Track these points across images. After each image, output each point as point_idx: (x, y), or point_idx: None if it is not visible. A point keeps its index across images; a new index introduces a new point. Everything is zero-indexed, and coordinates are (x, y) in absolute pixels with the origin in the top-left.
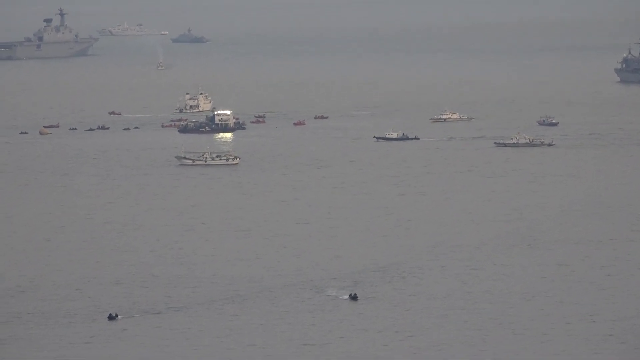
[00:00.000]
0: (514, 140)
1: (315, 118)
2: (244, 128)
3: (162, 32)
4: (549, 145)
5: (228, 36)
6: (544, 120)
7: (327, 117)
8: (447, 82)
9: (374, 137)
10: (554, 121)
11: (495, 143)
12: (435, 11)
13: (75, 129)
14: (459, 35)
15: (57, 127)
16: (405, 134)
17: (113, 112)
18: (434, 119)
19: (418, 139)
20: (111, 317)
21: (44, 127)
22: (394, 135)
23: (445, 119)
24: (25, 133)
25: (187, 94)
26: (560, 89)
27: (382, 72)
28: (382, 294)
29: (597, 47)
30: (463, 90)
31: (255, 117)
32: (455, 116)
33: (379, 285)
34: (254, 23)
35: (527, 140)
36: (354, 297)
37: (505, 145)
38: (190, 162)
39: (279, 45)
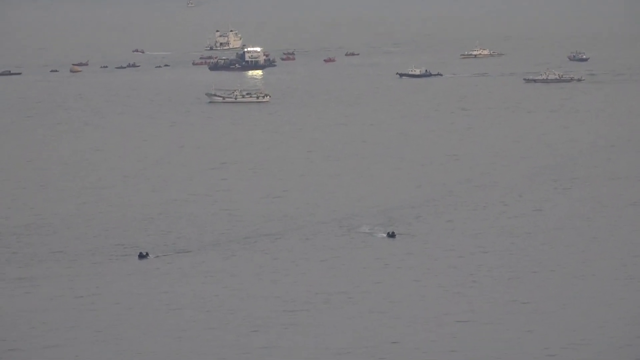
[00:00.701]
0: (543, 77)
1: (346, 55)
2: (274, 65)
3: None
4: (579, 80)
5: None
6: (574, 56)
7: (357, 54)
8: (478, 17)
9: (397, 73)
10: (584, 56)
11: (524, 79)
12: None
13: (106, 66)
14: None
15: (86, 65)
16: (428, 70)
17: (137, 50)
18: (464, 54)
19: (441, 75)
20: (142, 256)
21: (74, 64)
22: (417, 72)
23: (475, 55)
24: (56, 71)
25: (217, 31)
26: (591, 24)
27: (412, 8)
28: (418, 230)
29: None
30: (494, 25)
31: (285, 54)
32: (485, 52)
33: (414, 223)
34: None
35: (556, 76)
36: (391, 235)
37: (534, 81)
38: (220, 99)
39: None
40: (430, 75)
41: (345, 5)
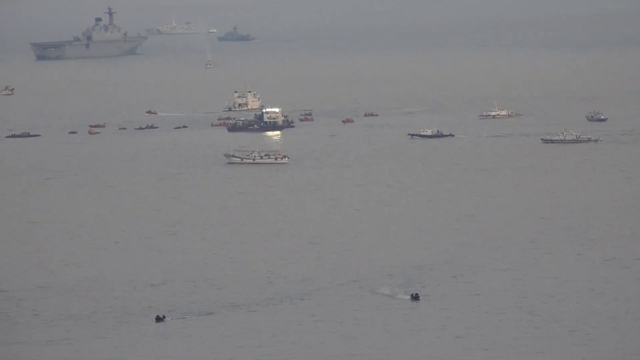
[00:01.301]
0: (561, 137)
1: (365, 115)
2: (292, 126)
3: (210, 31)
4: (596, 141)
5: (274, 33)
6: (592, 116)
7: (376, 115)
8: (497, 77)
9: (408, 134)
10: (602, 117)
11: (542, 139)
12: (484, 5)
13: (125, 128)
14: (508, 29)
15: (103, 126)
16: (439, 131)
17: (149, 111)
18: (482, 115)
19: (453, 135)
20: (159, 319)
21: (91, 126)
22: (428, 132)
23: (494, 116)
24: (75, 133)
25: (236, 92)
26: (609, 84)
27: (431, 68)
28: (440, 293)
29: None
30: (512, 85)
31: (303, 114)
32: (503, 112)
33: (435, 284)
34: (298, 20)
35: (574, 137)
36: (415, 297)
37: (552, 141)
38: (238, 160)
39: (325, 42)
40: (442, 135)
41: (365, 64)
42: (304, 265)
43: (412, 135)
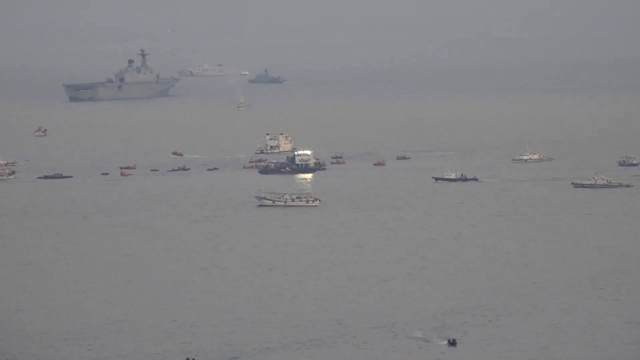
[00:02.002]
0: (592, 181)
1: (397, 159)
2: (324, 169)
3: (243, 73)
4: (627, 186)
5: (304, 76)
6: (624, 161)
7: (409, 158)
8: (529, 121)
9: (433, 177)
10: (634, 162)
11: (572, 184)
12: (517, 50)
13: (157, 170)
14: (541, 74)
15: (134, 168)
16: (463, 175)
17: (175, 153)
18: (515, 159)
19: (477, 179)
20: None
21: (122, 167)
22: (452, 176)
23: (526, 160)
24: (107, 174)
25: (268, 134)
26: None
27: (463, 111)
28: (475, 338)
29: None
30: (545, 129)
31: (333, 157)
32: (535, 156)
33: (469, 329)
34: (329, 63)
35: (605, 181)
36: (452, 343)
37: (582, 185)
38: (270, 202)
39: (355, 85)
40: (466, 179)
41: (397, 107)
42: (336, 309)
43: (436, 178)
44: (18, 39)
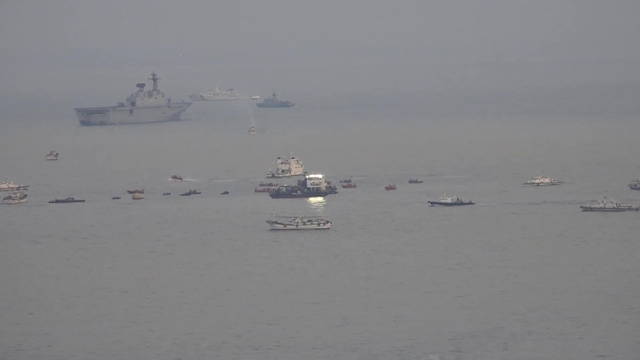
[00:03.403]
0: (601, 205)
1: (410, 182)
2: (335, 192)
3: (254, 97)
4: (637, 210)
5: (312, 100)
6: (635, 184)
7: (421, 182)
8: (540, 145)
9: (429, 202)
10: None
11: (581, 207)
12: (530, 74)
13: (169, 193)
14: (552, 97)
15: (142, 192)
16: (459, 199)
17: (175, 177)
18: (527, 183)
19: (473, 204)
20: None
21: (130, 192)
22: (448, 200)
23: (538, 183)
24: (118, 198)
25: (279, 158)
26: None
27: (474, 135)
28: None
29: None
30: (557, 152)
31: (342, 181)
32: (546, 180)
33: (486, 353)
34: (337, 87)
35: (614, 205)
36: None
37: (591, 209)
38: (281, 226)
39: (364, 109)
40: (461, 203)
41: (408, 131)
42: (350, 333)
43: (432, 203)
44: (30, 64)
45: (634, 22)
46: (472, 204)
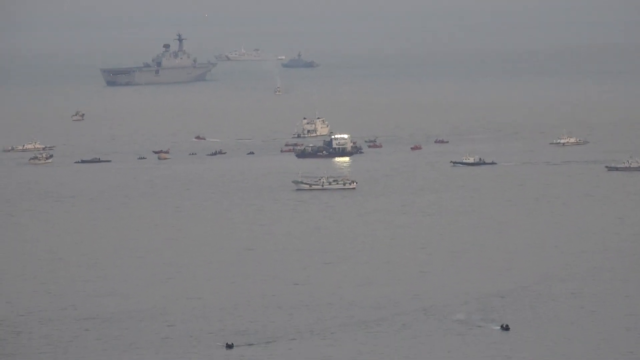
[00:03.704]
0: (626, 165)
1: (436, 142)
2: (361, 152)
3: (279, 57)
4: None
5: (337, 60)
6: None
7: (447, 142)
8: (567, 104)
9: (451, 161)
10: None
11: (606, 167)
12: (556, 34)
13: (195, 153)
14: (580, 57)
15: (167, 152)
16: (482, 159)
17: (198, 137)
18: (553, 142)
19: (495, 164)
20: (228, 346)
21: (155, 152)
22: (471, 160)
23: (563, 143)
24: (144, 158)
25: (305, 118)
26: None
27: (501, 95)
28: (525, 322)
29: None
30: (583, 112)
31: (367, 141)
32: (572, 140)
33: (515, 313)
34: (361, 46)
35: (639, 164)
36: (505, 328)
37: (617, 169)
38: (307, 186)
39: (389, 68)
40: (484, 163)
41: (433, 91)
42: (374, 293)
43: (454, 162)
44: (57, 26)
45: None
46: (495, 164)
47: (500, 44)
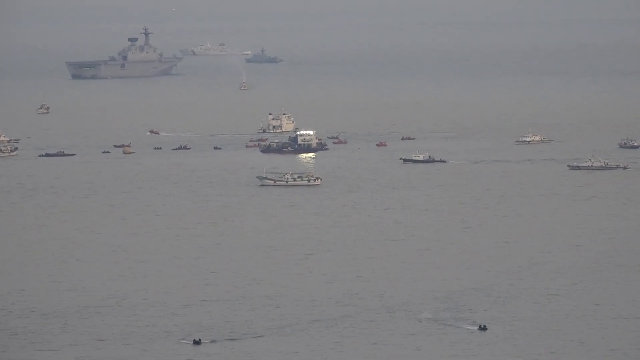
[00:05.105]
0: (588, 164)
1: (402, 139)
2: (326, 149)
3: (245, 52)
4: (624, 168)
5: (299, 57)
6: (625, 143)
7: (413, 139)
8: (532, 104)
9: (401, 158)
10: (635, 144)
11: (568, 166)
12: (520, 34)
13: (160, 148)
14: (546, 57)
15: (129, 146)
16: (431, 157)
17: (152, 131)
18: (518, 141)
19: (444, 161)
20: (196, 342)
21: (116, 146)
22: (420, 158)
23: (529, 142)
24: (108, 152)
25: (270, 114)
26: None
27: (465, 93)
28: (498, 322)
29: None
30: (547, 112)
31: (330, 137)
32: (537, 138)
33: (482, 310)
34: (324, 43)
35: (602, 164)
36: (483, 328)
37: (579, 168)
38: (271, 182)
39: (353, 66)
40: (433, 161)
41: (404, 89)
42: (340, 290)
43: (404, 160)
44: (21, 18)
45: None
46: (444, 161)
47: (466, 43)
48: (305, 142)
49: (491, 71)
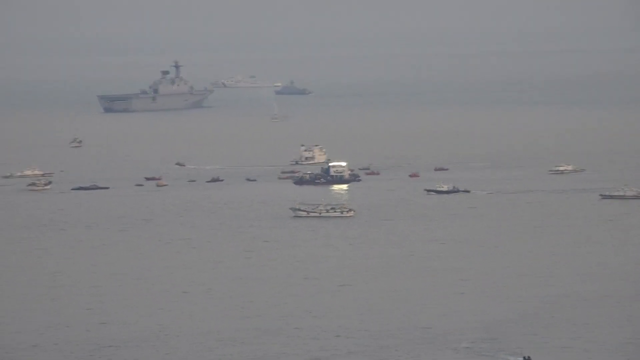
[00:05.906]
0: (621, 193)
1: (435, 170)
2: (359, 180)
3: (275, 84)
4: None
5: (328, 88)
6: None
7: (447, 169)
8: (565, 133)
9: (425, 189)
10: None
11: (601, 195)
12: (551, 63)
13: (194, 180)
14: (577, 86)
15: (160, 179)
16: (455, 187)
17: (179, 164)
18: (552, 170)
19: (468, 191)
20: None
21: (146, 178)
22: (444, 188)
23: (562, 171)
24: (141, 185)
25: (302, 145)
26: None
27: (498, 123)
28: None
29: None
30: (580, 141)
31: (362, 169)
32: (570, 168)
33: (526, 341)
34: (355, 74)
35: (635, 193)
36: (527, 359)
37: (611, 197)
38: (304, 213)
39: (380, 96)
40: (457, 191)
41: (433, 119)
42: (375, 322)
43: (428, 190)
44: (55, 52)
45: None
46: (468, 192)
47: (496, 74)
48: (338, 174)
49: (520, 101)
